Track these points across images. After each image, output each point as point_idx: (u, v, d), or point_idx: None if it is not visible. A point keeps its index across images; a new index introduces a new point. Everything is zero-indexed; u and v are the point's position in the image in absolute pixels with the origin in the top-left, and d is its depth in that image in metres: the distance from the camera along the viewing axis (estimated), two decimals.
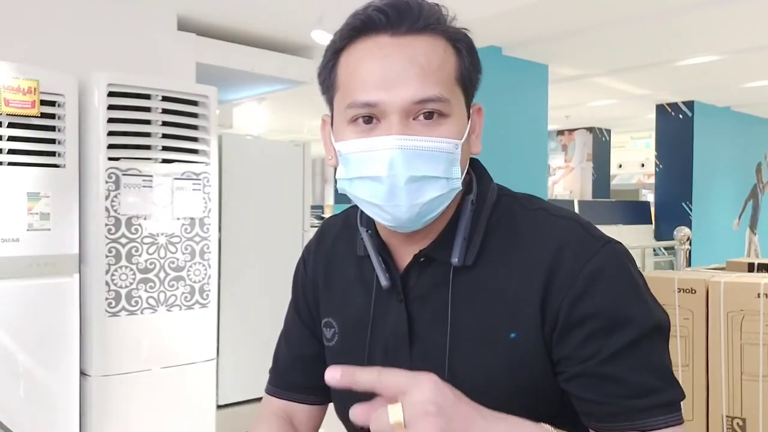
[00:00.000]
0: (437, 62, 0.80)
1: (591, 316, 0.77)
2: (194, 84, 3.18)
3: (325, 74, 0.86)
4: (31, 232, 2.45)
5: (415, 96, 0.78)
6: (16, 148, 2.42)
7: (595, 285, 0.78)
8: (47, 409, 2.51)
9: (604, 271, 0.79)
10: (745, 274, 2.13)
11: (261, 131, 7.29)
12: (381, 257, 0.89)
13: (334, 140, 0.84)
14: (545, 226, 0.84)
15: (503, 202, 0.88)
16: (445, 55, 0.81)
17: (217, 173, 2.93)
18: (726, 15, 3.96)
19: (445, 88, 0.80)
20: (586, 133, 8.67)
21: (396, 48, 0.79)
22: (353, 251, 0.94)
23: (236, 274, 3.48)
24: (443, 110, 0.79)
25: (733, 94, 6.59)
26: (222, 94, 3.25)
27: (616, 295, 0.78)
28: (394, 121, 0.78)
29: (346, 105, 0.80)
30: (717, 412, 1.79)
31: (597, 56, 5.00)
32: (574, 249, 0.80)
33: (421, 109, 0.79)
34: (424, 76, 0.78)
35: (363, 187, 0.81)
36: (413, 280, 0.87)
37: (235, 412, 3.42)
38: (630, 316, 0.77)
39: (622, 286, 0.79)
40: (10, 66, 2.39)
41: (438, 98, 0.79)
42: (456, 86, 0.82)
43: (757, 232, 7.88)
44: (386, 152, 0.77)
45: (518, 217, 0.86)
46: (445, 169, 0.80)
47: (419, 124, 0.79)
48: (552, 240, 0.81)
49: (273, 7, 3.51)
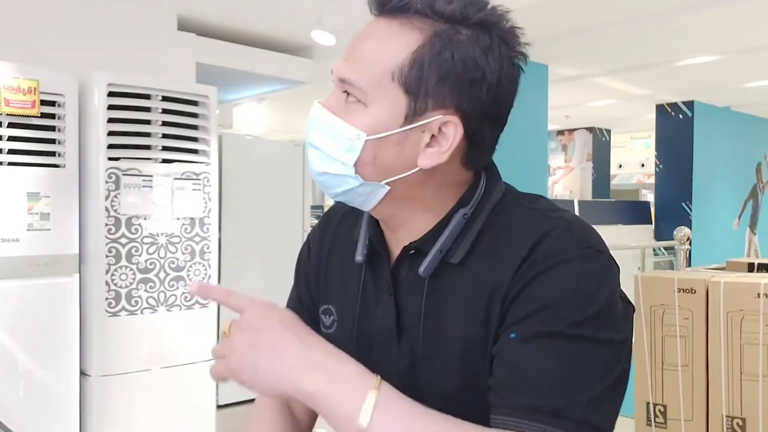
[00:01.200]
0: (375, 54, 0.79)
1: (533, 298, 0.74)
2: (194, 84, 3.18)
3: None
4: (31, 232, 2.45)
5: (336, 71, 0.81)
6: (16, 148, 2.42)
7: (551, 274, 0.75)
8: (47, 409, 2.51)
9: (569, 271, 0.75)
10: (745, 274, 2.13)
11: (261, 131, 7.30)
12: (370, 241, 0.89)
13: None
14: (533, 223, 0.81)
15: (505, 201, 0.86)
16: (397, 47, 0.78)
17: (217, 173, 2.93)
18: (726, 15, 3.96)
19: (366, 77, 0.78)
20: (586, 133, 8.67)
21: (370, 27, 0.81)
22: (355, 234, 0.94)
23: (236, 274, 3.47)
24: (360, 97, 0.79)
25: (733, 94, 6.59)
26: (222, 94, 3.24)
27: (568, 291, 0.74)
28: (333, 89, 0.83)
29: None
30: (717, 412, 1.79)
31: (597, 56, 5.00)
32: (550, 244, 0.77)
33: (343, 87, 0.80)
34: (355, 58, 0.80)
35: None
36: (404, 273, 0.86)
37: (235, 412, 3.42)
38: (572, 310, 0.73)
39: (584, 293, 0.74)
40: (10, 66, 2.39)
41: (350, 82, 0.79)
42: (391, 82, 0.78)
43: (757, 232, 7.88)
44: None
45: (513, 215, 0.84)
46: (338, 150, 0.80)
47: (344, 102, 0.81)
48: (533, 235, 0.78)
49: (273, 7, 3.50)
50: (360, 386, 0.72)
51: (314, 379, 0.72)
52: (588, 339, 0.73)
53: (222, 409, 3.33)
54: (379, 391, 0.71)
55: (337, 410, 0.71)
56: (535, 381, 0.72)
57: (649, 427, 1.92)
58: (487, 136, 0.84)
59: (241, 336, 0.76)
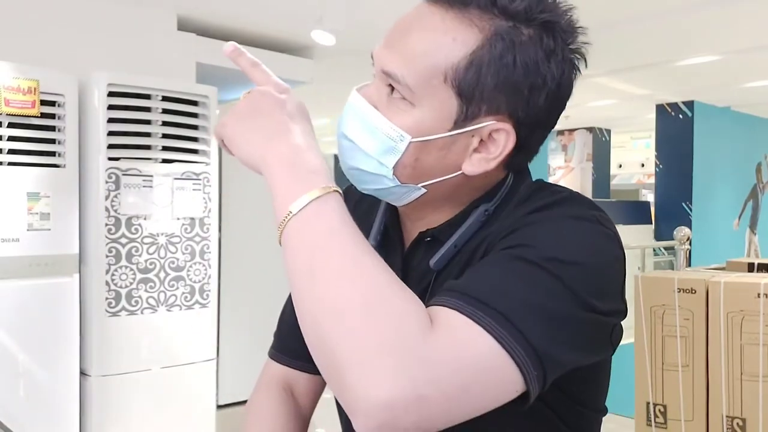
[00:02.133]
0: (424, 47, 0.72)
1: (517, 237, 0.70)
2: (194, 84, 3.18)
3: None
4: (31, 232, 2.45)
5: (378, 61, 0.75)
6: (16, 148, 2.42)
7: (544, 222, 0.71)
8: (47, 409, 2.51)
9: (563, 223, 0.71)
10: (745, 274, 2.13)
11: None
12: (385, 226, 0.85)
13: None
14: (539, 197, 0.77)
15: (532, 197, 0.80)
16: (441, 47, 0.71)
17: (217, 173, 2.93)
18: (726, 15, 3.96)
19: (415, 74, 0.71)
20: (586, 133, 8.66)
21: (416, 13, 0.74)
22: (372, 218, 0.90)
23: (236, 274, 3.47)
24: (406, 95, 0.73)
25: (733, 94, 6.59)
26: (222, 94, 3.24)
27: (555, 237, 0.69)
28: (375, 79, 0.77)
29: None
30: (717, 412, 1.79)
31: (597, 56, 4.97)
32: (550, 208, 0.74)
33: (387, 80, 0.74)
34: (403, 52, 0.72)
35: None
36: (416, 261, 0.82)
37: (235, 412, 3.42)
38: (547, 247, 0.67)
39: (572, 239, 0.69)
40: (10, 66, 2.39)
41: (396, 78, 0.72)
42: (442, 84, 0.72)
43: (757, 232, 7.88)
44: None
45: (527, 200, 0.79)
46: (378, 151, 0.74)
47: (387, 97, 0.75)
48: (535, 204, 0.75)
49: (273, 7, 3.50)
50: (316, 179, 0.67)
51: (280, 153, 0.70)
52: (559, 277, 0.65)
53: (222, 409, 3.33)
54: (327, 195, 0.66)
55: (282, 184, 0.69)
56: (484, 283, 0.65)
57: (649, 427, 1.92)
58: (537, 142, 0.79)
59: (241, 103, 0.75)
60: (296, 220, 0.66)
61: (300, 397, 0.99)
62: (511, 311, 0.62)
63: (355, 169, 0.78)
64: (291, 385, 0.99)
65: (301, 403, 0.99)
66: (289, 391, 0.98)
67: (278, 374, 0.99)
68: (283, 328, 1.01)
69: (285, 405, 0.96)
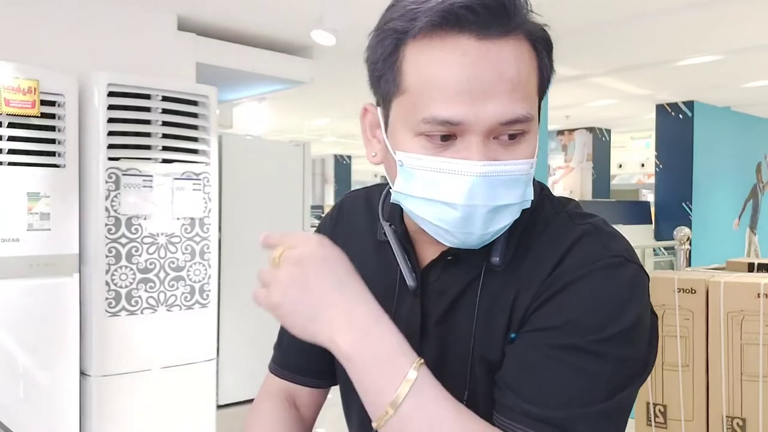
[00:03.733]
0: (525, 74, 0.71)
1: (559, 311, 0.72)
2: (194, 84, 3.18)
3: (384, 66, 0.74)
4: (31, 232, 2.45)
5: (503, 116, 0.69)
6: (16, 148, 2.42)
7: (581, 286, 0.72)
8: (47, 409, 2.51)
9: (598, 280, 0.72)
10: (745, 274, 2.13)
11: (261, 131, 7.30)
12: (406, 252, 0.83)
13: (389, 144, 0.76)
14: (562, 230, 0.78)
15: (540, 203, 0.81)
16: (530, 64, 0.72)
17: (217, 173, 2.93)
18: (726, 15, 3.96)
19: (531, 104, 0.72)
20: (586, 133, 8.66)
21: (483, 56, 0.69)
22: (373, 234, 0.89)
23: (236, 274, 3.47)
24: (527, 129, 0.72)
25: (733, 94, 6.59)
26: (222, 94, 3.25)
27: (594, 305, 0.71)
28: (474, 142, 0.70)
29: (421, 119, 0.70)
30: (717, 412, 1.79)
31: (597, 56, 5.00)
32: (579, 253, 0.74)
33: (506, 130, 0.70)
34: (513, 93, 0.70)
35: (431, 209, 0.73)
36: (435, 276, 0.82)
37: (235, 412, 3.42)
38: (595, 326, 0.70)
39: (609, 304, 0.71)
40: (10, 66, 2.39)
41: (525, 118, 0.71)
42: (537, 97, 0.74)
43: (757, 232, 7.88)
44: (467, 179, 0.69)
45: (548, 221, 0.80)
46: (521, 194, 0.73)
47: (499, 144, 0.71)
48: (562, 244, 0.76)
49: (273, 7, 3.51)
50: (401, 361, 0.67)
51: (352, 339, 0.68)
52: (606, 356, 0.70)
53: (222, 409, 3.33)
54: (419, 373, 0.67)
55: (369, 379, 0.68)
56: (545, 390, 0.70)
57: (650, 427, 1.92)
58: None
59: (287, 270, 0.71)
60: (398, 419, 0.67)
61: (302, 407, 0.99)
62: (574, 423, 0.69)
63: (501, 228, 0.74)
64: (293, 396, 0.99)
65: (303, 413, 0.99)
66: (291, 401, 0.98)
67: (280, 385, 1.00)
68: (282, 342, 1.01)
69: (287, 414, 0.96)
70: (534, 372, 0.71)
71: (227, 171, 3.36)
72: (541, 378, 0.70)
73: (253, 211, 3.55)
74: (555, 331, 0.71)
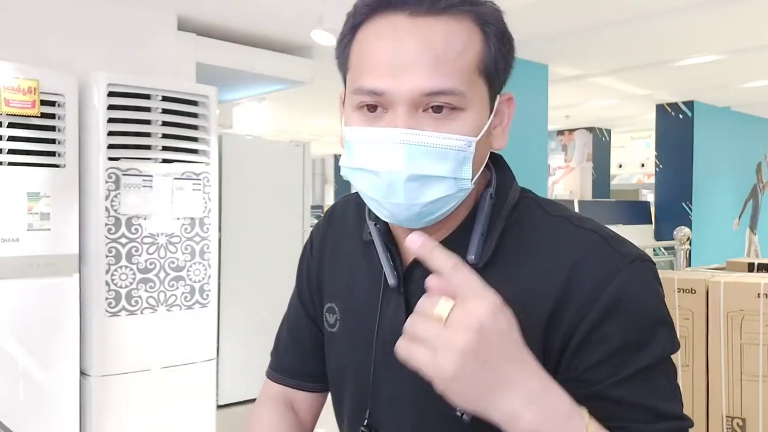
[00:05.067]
0: (456, 49, 0.72)
1: (608, 339, 0.72)
2: (194, 84, 3.18)
3: (340, 50, 0.80)
4: (31, 232, 2.45)
5: (424, 87, 0.71)
6: (16, 148, 2.42)
7: (617, 308, 0.72)
8: (47, 409, 2.51)
9: (627, 294, 0.73)
10: (745, 274, 2.13)
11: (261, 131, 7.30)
12: (388, 251, 0.83)
13: (342, 122, 0.79)
14: (564, 236, 0.78)
15: (524, 203, 0.82)
16: (468, 41, 0.73)
17: (217, 173, 2.93)
18: (726, 15, 3.96)
19: (461, 79, 0.72)
20: (586, 133, 8.67)
21: (412, 30, 0.72)
22: (361, 235, 0.90)
23: (236, 274, 3.48)
24: (456, 104, 0.73)
25: (733, 94, 6.59)
26: (222, 94, 3.25)
27: (637, 320, 0.73)
28: (400, 113, 0.72)
29: (353, 89, 0.75)
30: (717, 412, 1.79)
31: (597, 56, 5.00)
32: (594, 266, 0.74)
33: (432, 101, 0.72)
34: (438, 65, 0.71)
35: (363, 178, 0.76)
36: (418, 274, 0.81)
37: (235, 412, 3.42)
38: (648, 341, 0.73)
39: (646, 311, 0.74)
40: (10, 66, 2.39)
41: (450, 91, 0.72)
42: (477, 76, 0.74)
43: (757, 232, 7.88)
44: (388, 146, 0.72)
45: (537, 222, 0.80)
46: (453, 169, 0.73)
47: (428, 117, 0.73)
48: (569, 252, 0.75)
49: (273, 7, 3.50)
50: (575, 422, 0.65)
51: (533, 415, 0.63)
52: (664, 360, 0.75)
53: (222, 409, 3.33)
54: (591, 426, 0.65)
55: None
56: (649, 403, 0.73)
57: None
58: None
59: (465, 337, 0.61)
60: None
61: (300, 411, 1.00)
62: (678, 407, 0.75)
63: (430, 202, 0.74)
64: (291, 401, 1.00)
65: (302, 417, 1.00)
66: (290, 406, 0.99)
67: (278, 390, 1.01)
68: (279, 347, 1.02)
69: (286, 418, 0.97)
70: (627, 400, 0.72)
71: (227, 171, 3.35)
72: (642, 404, 0.73)
73: (253, 211, 3.55)
74: (617, 358, 0.73)
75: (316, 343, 0.97)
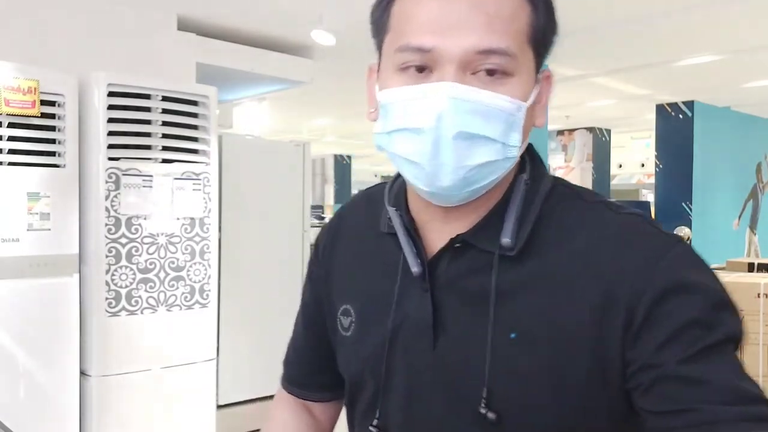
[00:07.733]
0: (508, 12, 0.69)
1: (671, 315, 0.67)
2: (194, 84, 3.19)
3: (378, 13, 0.75)
4: (31, 232, 2.45)
5: (478, 45, 0.67)
6: (16, 148, 2.42)
7: (675, 286, 0.68)
8: (47, 409, 2.51)
9: (682, 272, 0.69)
10: (745, 274, 2.13)
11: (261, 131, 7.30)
12: (411, 239, 0.78)
13: (378, 90, 0.74)
14: (605, 221, 0.74)
15: (559, 191, 0.78)
16: (519, 7, 0.71)
17: (217, 173, 2.93)
18: (726, 15, 3.96)
19: (513, 42, 0.69)
20: (586, 133, 8.67)
21: None
22: (375, 229, 0.84)
23: (236, 274, 3.47)
24: (508, 67, 0.69)
25: (733, 94, 6.59)
26: (222, 94, 3.25)
27: (697, 297, 0.68)
28: (448, 71, 0.68)
29: (396, 48, 0.70)
30: None
31: (597, 56, 5.00)
32: (643, 246, 0.71)
33: (484, 61, 0.68)
34: (491, 24, 0.68)
35: (403, 140, 0.70)
36: (443, 267, 0.77)
37: (235, 412, 3.42)
38: (713, 320, 0.67)
39: (706, 290, 0.69)
40: (10, 66, 2.39)
41: (504, 51, 0.68)
42: (526, 45, 0.71)
43: (757, 232, 7.88)
44: (436, 101, 0.67)
45: (575, 208, 0.76)
46: (502, 132, 0.69)
47: (478, 80, 0.69)
48: (615, 235, 0.72)
49: (273, 7, 3.51)
50: None
51: None
52: (735, 340, 0.68)
53: (222, 409, 3.33)
54: None
55: None
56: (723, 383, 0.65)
57: None
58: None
59: None
60: None
61: (316, 415, 0.98)
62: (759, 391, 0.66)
63: (478, 165, 0.70)
64: (308, 406, 0.99)
65: (319, 419, 0.98)
66: (308, 410, 0.98)
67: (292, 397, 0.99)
68: (290, 357, 1.00)
69: (304, 420, 0.96)
70: (702, 380, 0.66)
71: (227, 171, 3.35)
72: (714, 381, 0.66)
73: (253, 211, 3.55)
74: (685, 336, 0.67)
75: (320, 352, 0.94)
